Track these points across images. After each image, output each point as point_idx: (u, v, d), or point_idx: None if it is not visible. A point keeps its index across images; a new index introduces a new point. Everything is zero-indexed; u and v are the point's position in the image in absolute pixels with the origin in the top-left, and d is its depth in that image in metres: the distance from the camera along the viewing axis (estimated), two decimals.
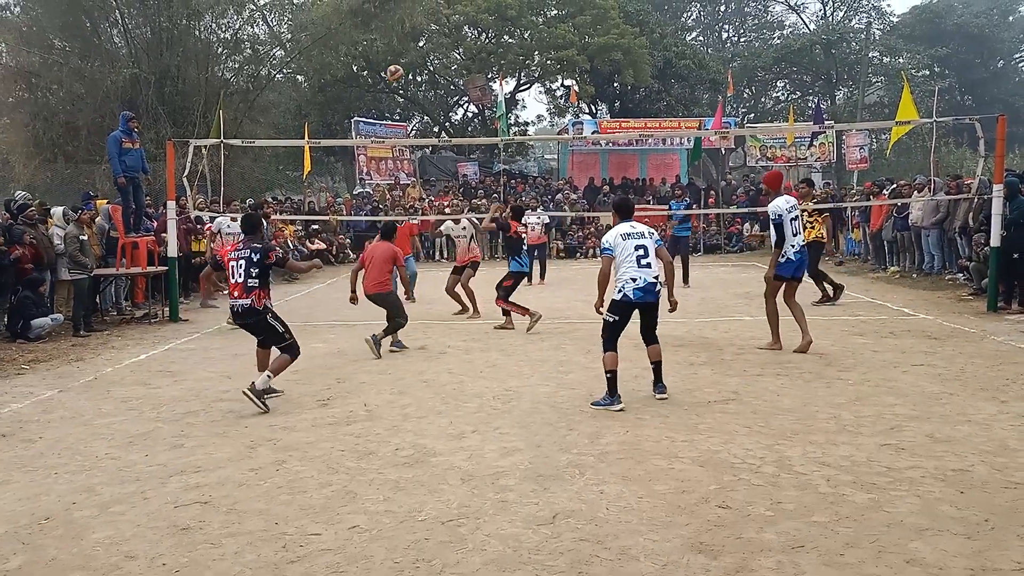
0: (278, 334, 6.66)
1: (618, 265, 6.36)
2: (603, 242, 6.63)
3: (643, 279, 6.27)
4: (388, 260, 8.71)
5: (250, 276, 6.51)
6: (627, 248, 6.36)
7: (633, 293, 6.26)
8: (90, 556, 3.75)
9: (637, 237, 6.42)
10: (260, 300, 6.56)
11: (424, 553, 3.69)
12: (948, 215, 13.60)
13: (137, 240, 11.43)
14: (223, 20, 21.59)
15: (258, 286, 6.54)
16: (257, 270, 6.52)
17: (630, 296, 6.26)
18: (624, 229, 6.50)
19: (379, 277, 8.67)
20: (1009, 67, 41.16)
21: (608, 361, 6.23)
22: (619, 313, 6.32)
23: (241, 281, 6.53)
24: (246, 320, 6.64)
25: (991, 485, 4.37)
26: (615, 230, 6.55)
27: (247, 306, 6.54)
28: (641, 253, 6.34)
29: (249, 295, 6.52)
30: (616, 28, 28.12)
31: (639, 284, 6.26)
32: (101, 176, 18.10)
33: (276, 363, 6.63)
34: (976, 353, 7.86)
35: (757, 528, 3.86)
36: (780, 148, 25.93)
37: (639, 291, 6.26)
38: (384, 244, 8.87)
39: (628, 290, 6.26)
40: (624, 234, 6.45)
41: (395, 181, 24.89)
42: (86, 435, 5.71)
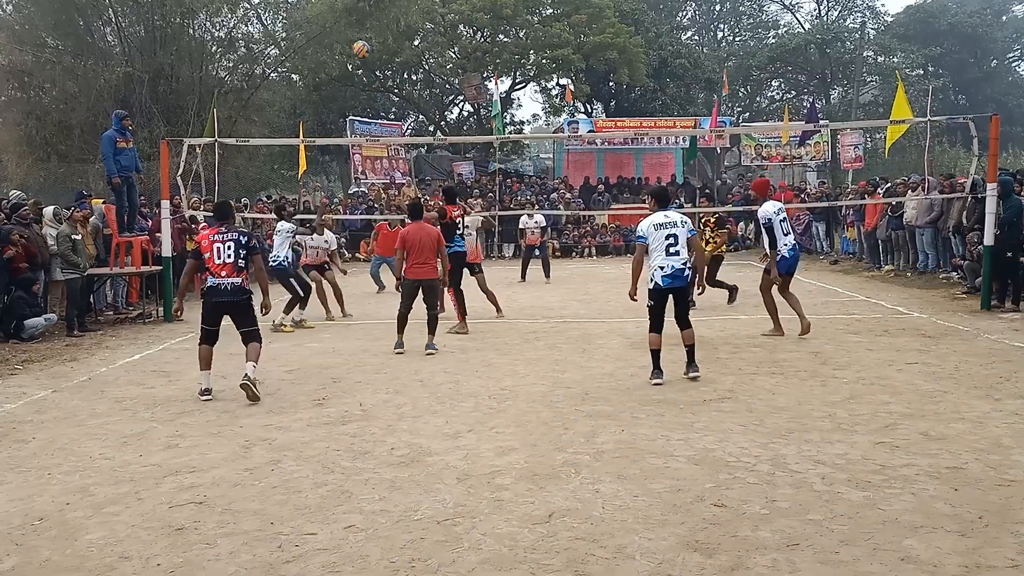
0: (253, 317, 6.87)
1: (650, 253, 6.85)
2: (637, 230, 7.13)
3: (671, 266, 6.74)
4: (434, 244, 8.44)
5: (239, 257, 6.75)
6: (659, 237, 6.82)
7: (662, 280, 6.78)
8: (84, 557, 3.73)
9: (669, 227, 6.85)
10: (247, 280, 6.83)
11: (420, 552, 3.68)
12: (942, 214, 13.65)
13: (131, 240, 11.40)
14: (217, 18, 21.54)
15: (244, 267, 6.80)
16: (244, 251, 6.77)
17: (660, 283, 6.80)
18: (658, 219, 6.93)
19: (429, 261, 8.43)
20: (1002, 67, 41.29)
21: (650, 341, 6.91)
22: (654, 299, 6.86)
23: (231, 262, 6.73)
24: (233, 298, 6.77)
25: (985, 483, 4.38)
26: (649, 219, 6.98)
27: (238, 284, 6.75)
28: (671, 242, 6.79)
29: (239, 274, 6.76)
30: (611, 27, 28.12)
31: (666, 272, 6.75)
32: (95, 175, 18.04)
33: (252, 353, 6.79)
34: (970, 351, 7.88)
35: (752, 526, 3.87)
36: (775, 147, 25.97)
37: (667, 278, 6.77)
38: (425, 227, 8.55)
39: (658, 277, 6.80)
40: (657, 224, 6.88)
41: (390, 180, 24.86)
42: (80, 435, 5.69)
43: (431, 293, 8.60)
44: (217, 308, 6.89)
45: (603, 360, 7.89)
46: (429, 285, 8.56)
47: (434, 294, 8.65)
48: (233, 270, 6.73)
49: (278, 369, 7.82)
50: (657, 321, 6.86)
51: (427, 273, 8.48)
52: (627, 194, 24.46)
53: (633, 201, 23.36)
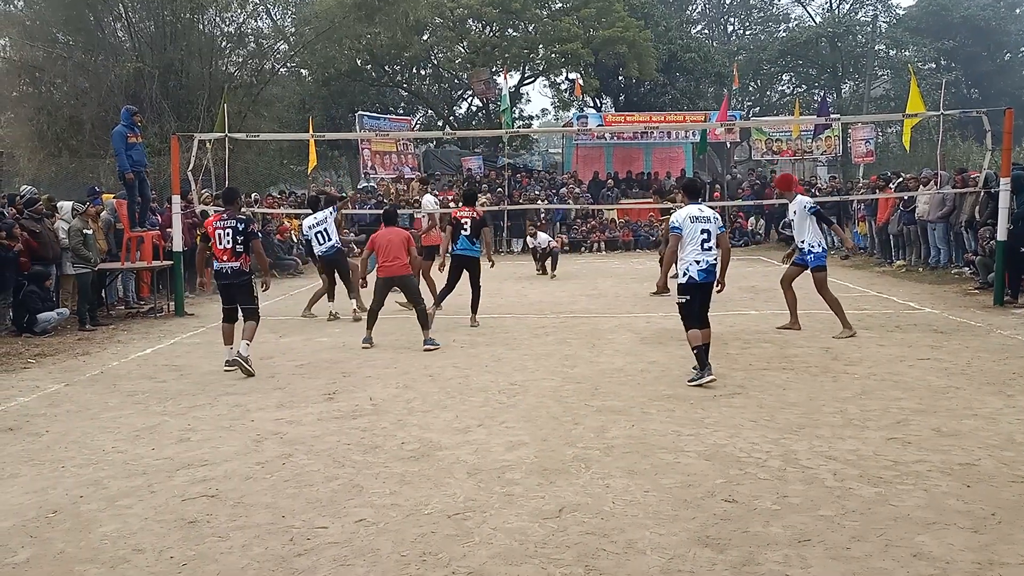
0: (252, 297, 7.51)
1: (683, 246, 6.69)
2: (672, 221, 6.92)
3: (705, 261, 6.64)
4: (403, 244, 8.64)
5: (237, 243, 7.33)
6: (694, 231, 6.66)
7: (698, 275, 6.64)
8: (98, 549, 3.76)
9: (704, 221, 6.70)
10: (246, 264, 7.41)
11: (431, 546, 3.69)
12: (954, 209, 13.55)
13: (142, 234, 11.45)
14: (227, 14, 21.56)
15: (244, 251, 7.37)
16: (242, 237, 7.35)
17: (695, 277, 6.64)
18: (692, 212, 6.76)
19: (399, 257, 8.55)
20: (1016, 60, 40.89)
21: (692, 338, 6.65)
22: (688, 293, 6.69)
23: (230, 247, 7.34)
24: (233, 281, 7.41)
25: (998, 479, 4.36)
26: (684, 211, 6.81)
27: (236, 268, 7.38)
28: (705, 237, 6.67)
29: (237, 259, 7.35)
30: (621, 21, 28.00)
31: (702, 266, 6.63)
32: (106, 170, 18.14)
33: (248, 331, 7.38)
34: (982, 347, 7.84)
35: (763, 522, 3.86)
36: (786, 142, 25.84)
37: (703, 272, 6.64)
38: (395, 230, 8.78)
39: (693, 271, 6.64)
40: (692, 217, 6.71)
41: (399, 175, 24.88)
42: (93, 429, 5.73)
43: (408, 289, 8.73)
44: (223, 289, 7.56)
45: (613, 355, 7.88)
46: (401, 282, 8.70)
47: (411, 289, 8.76)
48: (232, 255, 7.34)
49: (289, 363, 7.85)
50: (693, 316, 6.66)
51: (397, 270, 8.59)
52: (636, 189, 24.40)
53: (642, 196, 23.32)
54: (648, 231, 21.95)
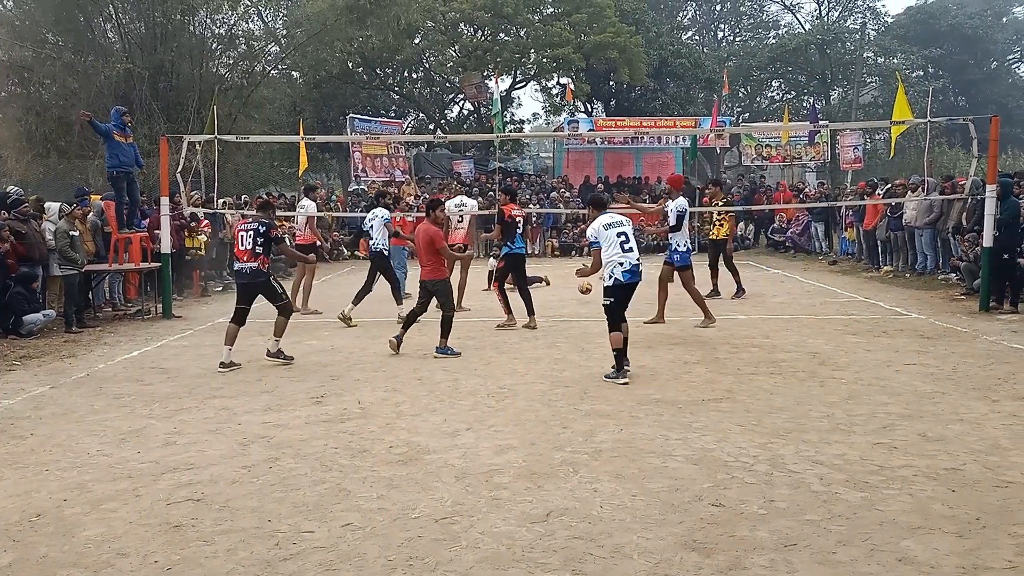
0: (277, 294, 7.91)
1: (605, 253, 7.03)
2: (589, 236, 7.37)
3: (628, 262, 6.97)
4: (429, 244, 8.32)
5: (256, 244, 7.71)
6: (611, 236, 7.05)
7: (623, 276, 6.94)
8: (81, 553, 3.73)
9: (618, 225, 7.14)
10: (263, 264, 7.76)
11: (417, 551, 3.68)
12: (941, 215, 13.65)
13: (130, 236, 11.39)
14: (218, 15, 21.49)
15: (262, 253, 7.73)
16: (262, 240, 7.71)
17: (620, 279, 6.94)
18: (605, 220, 7.20)
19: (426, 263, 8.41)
20: (1002, 68, 41.24)
21: (614, 340, 6.93)
22: (614, 296, 6.97)
23: (249, 248, 7.73)
24: (251, 280, 7.81)
25: (983, 484, 4.38)
26: (598, 221, 7.20)
27: (254, 268, 7.75)
28: (623, 239, 7.04)
29: (255, 260, 7.72)
30: (612, 26, 28.08)
31: (626, 267, 6.96)
32: (94, 171, 18.02)
33: (277, 326, 7.88)
34: (968, 352, 7.89)
35: (750, 526, 3.87)
36: (775, 147, 25.96)
37: (627, 273, 6.96)
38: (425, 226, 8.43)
39: (618, 273, 6.94)
40: (606, 224, 7.13)
41: (390, 178, 24.84)
42: (78, 432, 5.69)
43: (436, 294, 8.44)
44: (240, 288, 7.98)
45: (602, 359, 7.88)
46: (432, 287, 8.43)
47: (439, 294, 8.44)
48: (251, 256, 7.72)
49: (276, 367, 7.82)
50: (617, 319, 6.94)
51: (427, 275, 8.43)
52: (627, 194, 24.43)
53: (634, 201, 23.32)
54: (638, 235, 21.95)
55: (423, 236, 8.33)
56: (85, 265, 10.53)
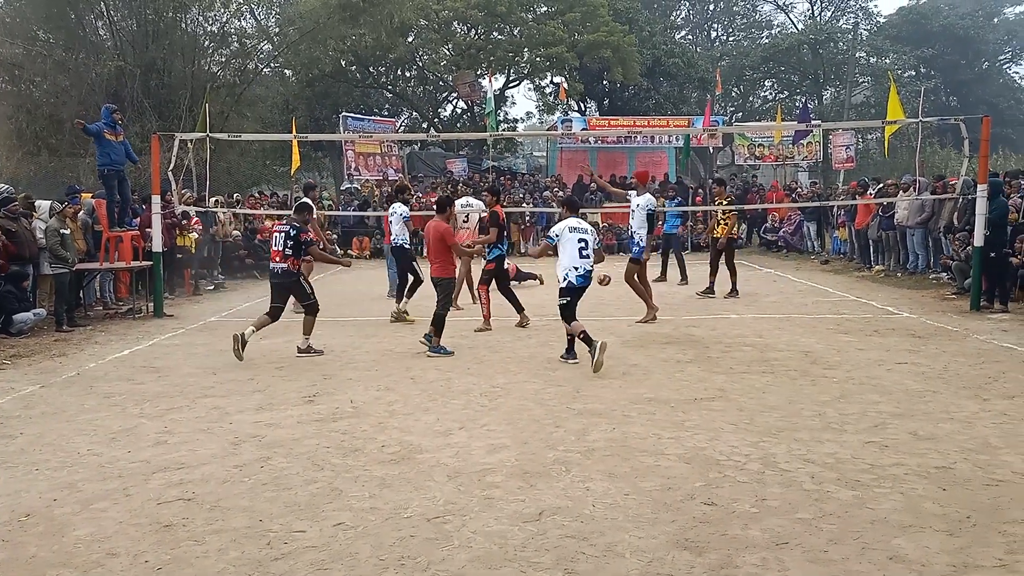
0: (305, 294, 8.28)
1: (562, 254, 7.69)
2: (552, 231, 7.93)
3: (583, 268, 7.66)
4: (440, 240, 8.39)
5: (287, 247, 8.03)
6: (572, 240, 7.65)
7: (576, 279, 7.65)
8: (71, 553, 3.71)
9: (581, 232, 7.73)
10: (293, 266, 8.09)
11: (409, 550, 3.67)
12: (933, 215, 13.71)
13: (121, 235, 11.33)
14: (210, 13, 21.43)
15: (292, 255, 8.04)
16: (292, 243, 8.02)
17: (573, 282, 7.65)
18: (572, 223, 7.80)
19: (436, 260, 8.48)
20: (994, 69, 41.45)
21: (574, 328, 7.56)
22: (567, 295, 7.68)
23: (280, 249, 8.07)
24: (282, 280, 8.15)
25: (973, 482, 4.40)
26: (564, 223, 7.85)
27: (284, 269, 8.08)
28: (582, 246, 7.67)
29: (285, 261, 8.05)
30: (605, 26, 28.11)
31: (579, 272, 7.65)
32: (85, 169, 17.94)
33: (305, 325, 8.24)
34: (959, 352, 7.92)
35: (742, 525, 3.88)
36: (768, 147, 26.02)
37: (580, 278, 7.66)
38: (437, 223, 8.49)
39: (572, 277, 7.64)
40: (571, 227, 7.74)
41: (383, 177, 24.81)
42: (68, 431, 5.66)
43: (439, 289, 8.51)
44: (273, 287, 8.29)
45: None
46: (437, 283, 8.53)
47: (441, 290, 8.49)
48: (282, 257, 8.06)
49: (269, 365, 7.80)
50: (570, 314, 7.64)
51: (436, 271, 8.51)
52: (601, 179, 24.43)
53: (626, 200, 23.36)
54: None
55: (433, 233, 8.41)
56: (76, 264, 10.47)
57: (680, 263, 14.33)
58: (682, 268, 14.25)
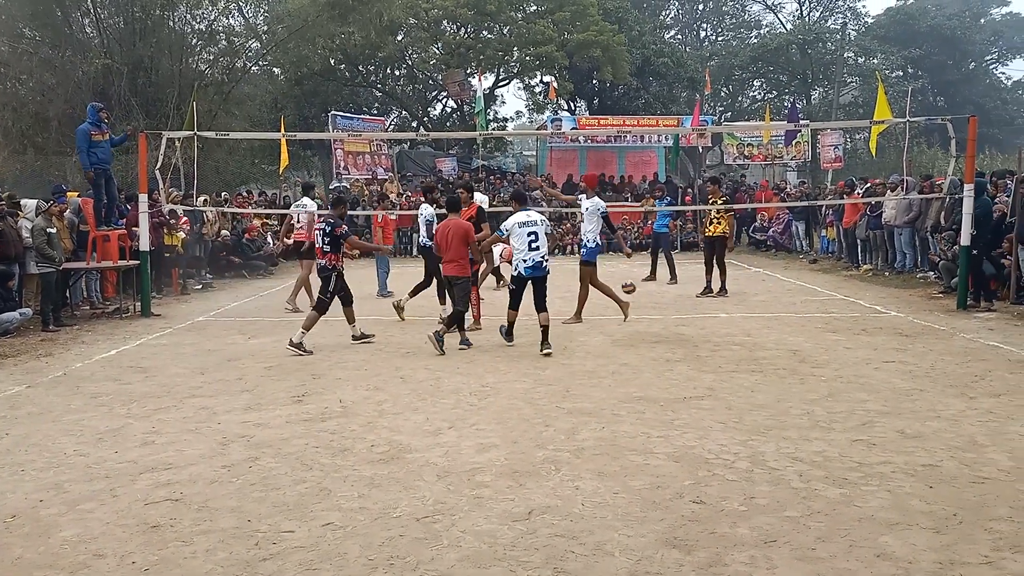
0: (326, 290, 8.57)
1: (515, 247, 8.20)
2: (502, 226, 8.41)
3: (532, 259, 8.17)
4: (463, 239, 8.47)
5: (324, 243, 8.53)
6: (521, 234, 8.18)
7: (525, 270, 8.20)
8: (57, 554, 3.68)
9: (531, 225, 8.22)
10: (331, 261, 8.54)
11: (399, 550, 3.67)
12: (920, 214, 13.79)
13: (108, 234, 11.25)
14: (198, 11, 21.30)
15: (331, 251, 8.52)
16: (328, 239, 8.49)
17: (523, 272, 8.24)
18: (521, 218, 8.28)
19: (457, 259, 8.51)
20: (980, 69, 41.74)
21: (510, 316, 8.36)
22: (517, 284, 8.30)
23: (320, 246, 8.61)
24: (322, 275, 8.64)
25: (959, 480, 4.43)
26: (514, 218, 8.31)
27: (323, 264, 8.61)
28: (532, 239, 8.18)
29: (324, 257, 8.58)
30: (595, 25, 28.13)
31: (529, 264, 8.18)
32: (72, 168, 17.79)
33: (346, 314, 8.79)
34: (946, 350, 7.97)
35: (731, 523, 3.89)
36: (757, 147, 26.12)
37: (528, 268, 8.19)
38: (457, 222, 8.58)
39: (522, 268, 8.22)
40: (521, 222, 8.23)
41: (372, 176, 24.74)
42: (54, 431, 5.62)
43: (457, 289, 8.63)
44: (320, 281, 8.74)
45: (584, 357, 7.90)
46: (454, 282, 8.62)
47: (459, 290, 8.59)
48: (321, 252, 8.59)
49: (258, 365, 7.76)
50: (517, 302, 8.32)
51: (454, 270, 8.55)
52: (610, 192, 24.50)
53: (616, 199, 23.43)
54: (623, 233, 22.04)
55: (455, 231, 8.47)
56: (63, 263, 10.39)
57: (669, 262, 14.37)
58: (671, 267, 14.29)
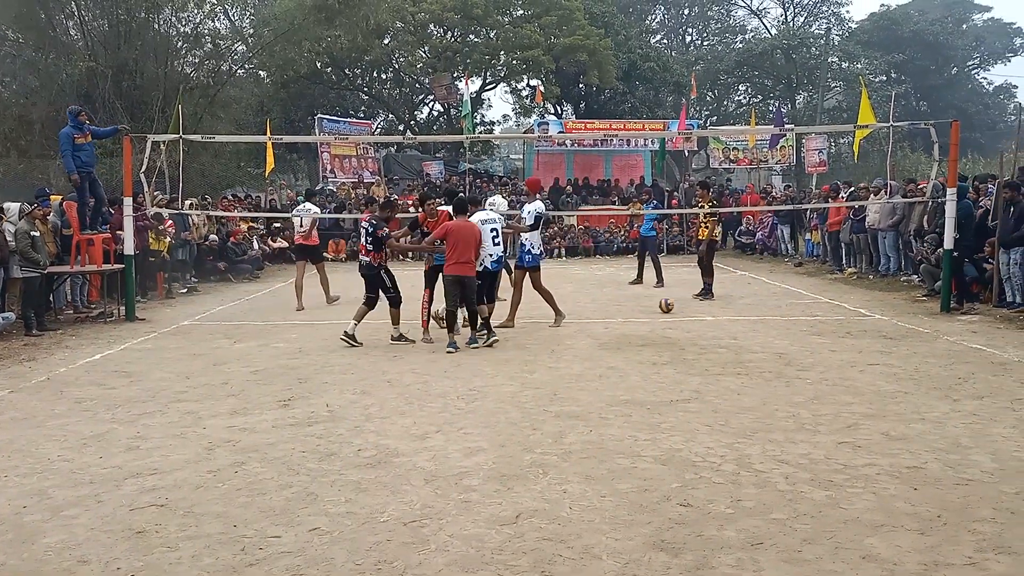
0: (387, 287, 8.93)
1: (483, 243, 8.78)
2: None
3: (496, 254, 8.99)
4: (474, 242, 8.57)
5: (367, 242, 8.81)
6: (485, 231, 8.80)
7: (491, 264, 8.99)
8: (41, 561, 3.65)
9: (492, 222, 9.02)
10: (375, 259, 8.82)
11: (386, 555, 3.66)
12: (904, 218, 13.90)
13: (92, 237, 11.17)
14: (183, 13, 21.16)
15: (373, 249, 8.79)
16: (371, 238, 8.79)
17: (489, 267, 8.97)
18: (481, 216, 8.96)
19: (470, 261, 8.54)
20: (963, 74, 42.21)
21: (480, 310, 8.75)
22: (481, 280, 8.81)
23: (364, 244, 8.88)
24: (366, 272, 8.91)
25: (944, 482, 4.47)
26: (477, 216, 8.86)
27: (367, 262, 8.86)
28: (494, 235, 8.95)
29: (368, 255, 8.84)
30: (582, 29, 28.21)
31: (494, 258, 8.99)
32: (56, 171, 17.63)
33: (391, 314, 8.90)
34: (930, 353, 8.04)
35: (718, 526, 3.90)
36: (742, 151, 26.26)
37: (495, 263, 9.05)
38: (468, 224, 8.65)
39: (488, 263, 8.95)
40: (482, 220, 8.90)
41: (359, 179, 24.69)
42: (38, 437, 5.56)
43: (467, 290, 8.62)
44: (364, 278, 9.01)
45: (572, 361, 7.91)
46: (468, 283, 8.61)
47: (472, 291, 8.66)
48: (366, 251, 8.85)
49: (243, 369, 7.72)
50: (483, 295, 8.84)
51: (464, 270, 8.52)
52: (596, 196, 24.57)
53: (603, 202, 23.51)
54: (609, 237, 22.15)
55: (468, 233, 8.53)
56: (48, 266, 10.31)
57: (656, 266, 14.41)
58: (658, 271, 14.33)
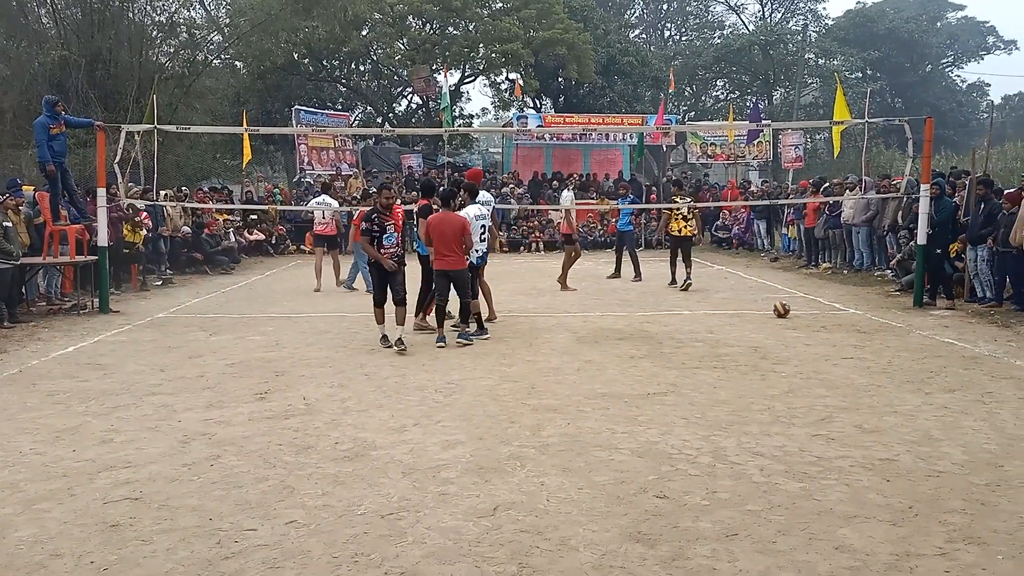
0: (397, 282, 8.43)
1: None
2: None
3: (481, 249, 9.05)
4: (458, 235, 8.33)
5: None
6: (476, 226, 8.75)
7: (477, 260, 8.94)
8: (13, 555, 3.60)
9: (482, 219, 8.98)
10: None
11: (363, 547, 3.65)
12: (878, 213, 14.07)
13: (65, 228, 11.01)
14: (158, 2, 20.90)
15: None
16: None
17: (475, 263, 8.89)
18: (473, 211, 8.85)
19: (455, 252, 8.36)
20: (937, 71, 42.73)
21: (474, 307, 8.71)
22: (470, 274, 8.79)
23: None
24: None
25: (915, 474, 4.54)
26: (467, 210, 8.79)
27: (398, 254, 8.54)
28: (483, 231, 9.01)
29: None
30: (561, 23, 28.21)
31: (479, 254, 9.00)
32: (28, 161, 17.34)
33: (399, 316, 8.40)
34: (902, 347, 8.15)
35: (693, 517, 3.94)
36: (720, 146, 26.42)
37: (480, 259, 9.05)
38: (450, 216, 8.42)
39: (474, 258, 8.82)
40: (475, 215, 8.85)
41: (337, 171, 24.52)
42: (10, 430, 5.48)
43: (459, 282, 8.51)
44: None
45: (549, 354, 7.93)
46: (457, 275, 8.48)
47: (463, 283, 8.53)
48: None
49: (219, 362, 7.66)
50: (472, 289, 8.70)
51: (452, 264, 8.38)
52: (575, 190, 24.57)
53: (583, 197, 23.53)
54: (588, 231, 22.19)
55: (455, 224, 8.32)
56: (21, 257, 10.14)
57: (634, 260, 14.47)
58: (636, 265, 14.40)
